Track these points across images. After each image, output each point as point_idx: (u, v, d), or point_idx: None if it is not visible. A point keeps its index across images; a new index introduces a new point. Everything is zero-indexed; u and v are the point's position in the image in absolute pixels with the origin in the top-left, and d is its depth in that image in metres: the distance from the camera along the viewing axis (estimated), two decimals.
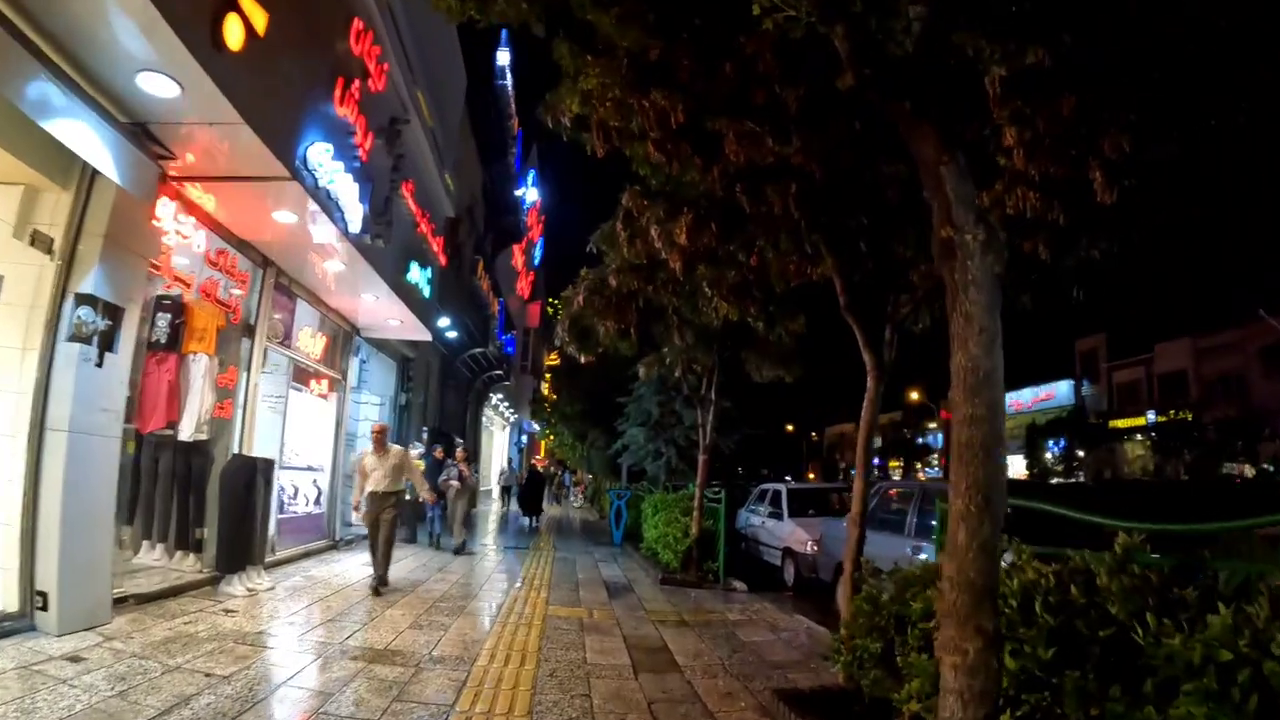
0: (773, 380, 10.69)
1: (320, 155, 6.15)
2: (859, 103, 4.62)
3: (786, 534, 10.25)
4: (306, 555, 9.45)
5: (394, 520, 7.53)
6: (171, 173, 6.26)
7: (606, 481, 22.54)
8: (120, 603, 5.99)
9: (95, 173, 5.46)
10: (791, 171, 4.85)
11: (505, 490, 17.07)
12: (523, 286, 34.42)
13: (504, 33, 20.07)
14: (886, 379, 4.62)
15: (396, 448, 7.79)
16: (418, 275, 9.53)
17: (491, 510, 21.06)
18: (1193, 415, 38.13)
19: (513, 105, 21.37)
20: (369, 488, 7.51)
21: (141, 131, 5.69)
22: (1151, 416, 41.36)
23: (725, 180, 4.84)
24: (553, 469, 36.17)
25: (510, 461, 15.62)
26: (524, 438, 42.79)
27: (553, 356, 40.49)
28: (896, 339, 4.75)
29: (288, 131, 5.73)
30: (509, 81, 20.61)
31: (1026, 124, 3.99)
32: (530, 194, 27.99)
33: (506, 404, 30.93)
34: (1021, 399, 53.30)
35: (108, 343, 5.68)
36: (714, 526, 9.99)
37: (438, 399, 17.74)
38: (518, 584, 8.32)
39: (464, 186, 14.61)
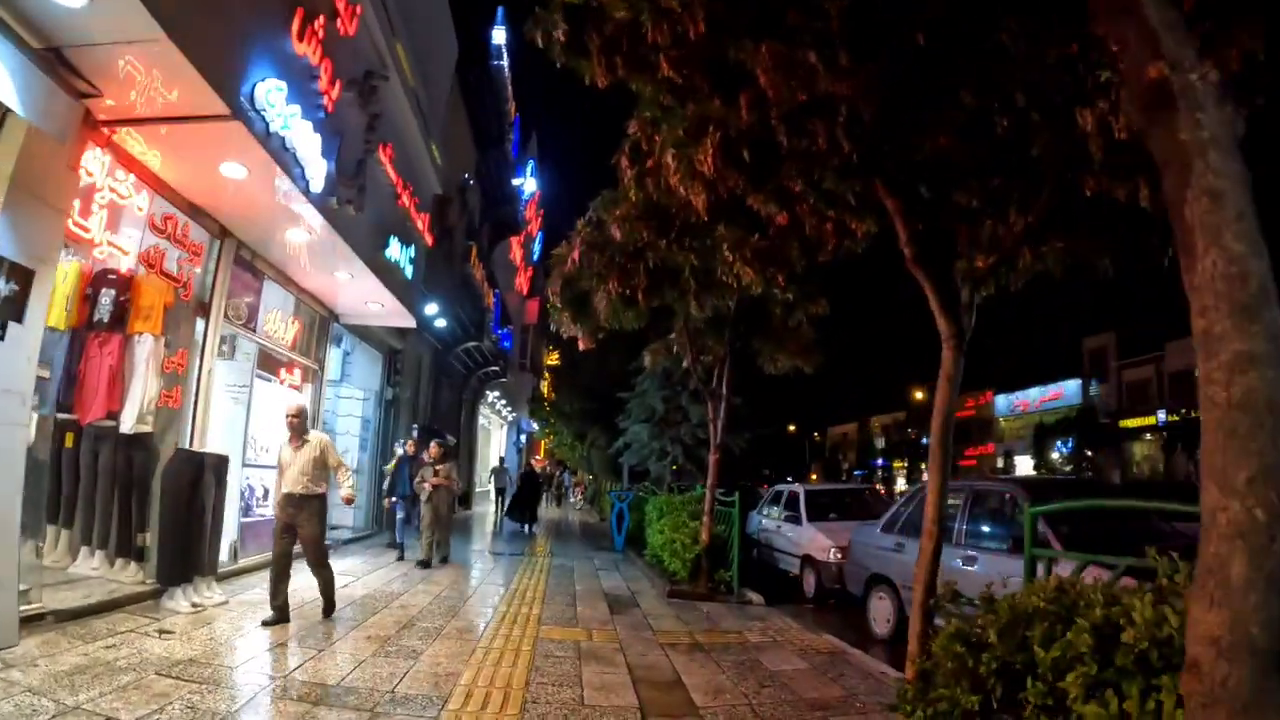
0: (788, 372, 9.77)
1: (271, 95, 5.21)
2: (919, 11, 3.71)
3: (806, 541, 9.30)
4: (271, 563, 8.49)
5: (318, 532, 5.97)
6: (100, 115, 5.36)
7: (607, 482, 21.57)
8: (35, 620, 5.05)
9: (8, 111, 4.56)
10: (838, 103, 3.90)
11: (500, 492, 15.98)
12: (521, 282, 33.48)
13: (500, 10, 19.17)
14: (965, 349, 3.67)
15: (319, 435, 6.17)
16: (398, 253, 8.59)
17: (488, 513, 20.08)
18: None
19: (510, 89, 20.44)
20: (283, 488, 5.92)
21: (55, 58, 4.78)
22: (1162, 416, 40.84)
23: (756, 112, 3.90)
24: (552, 469, 35.15)
25: (502, 460, 14.44)
26: (523, 437, 41.77)
27: (553, 356, 39.48)
28: (975, 301, 3.79)
29: (227, 58, 4.79)
30: (505, 63, 19.68)
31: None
32: (529, 185, 27.04)
33: (504, 402, 29.97)
34: (1028, 398, 52.59)
35: (14, 312, 4.75)
36: (725, 532, 9.05)
37: (429, 395, 16.79)
38: (507, 598, 7.36)
39: (455, 165, 13.69)
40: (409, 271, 9.17)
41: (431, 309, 11.98)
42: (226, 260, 7.42)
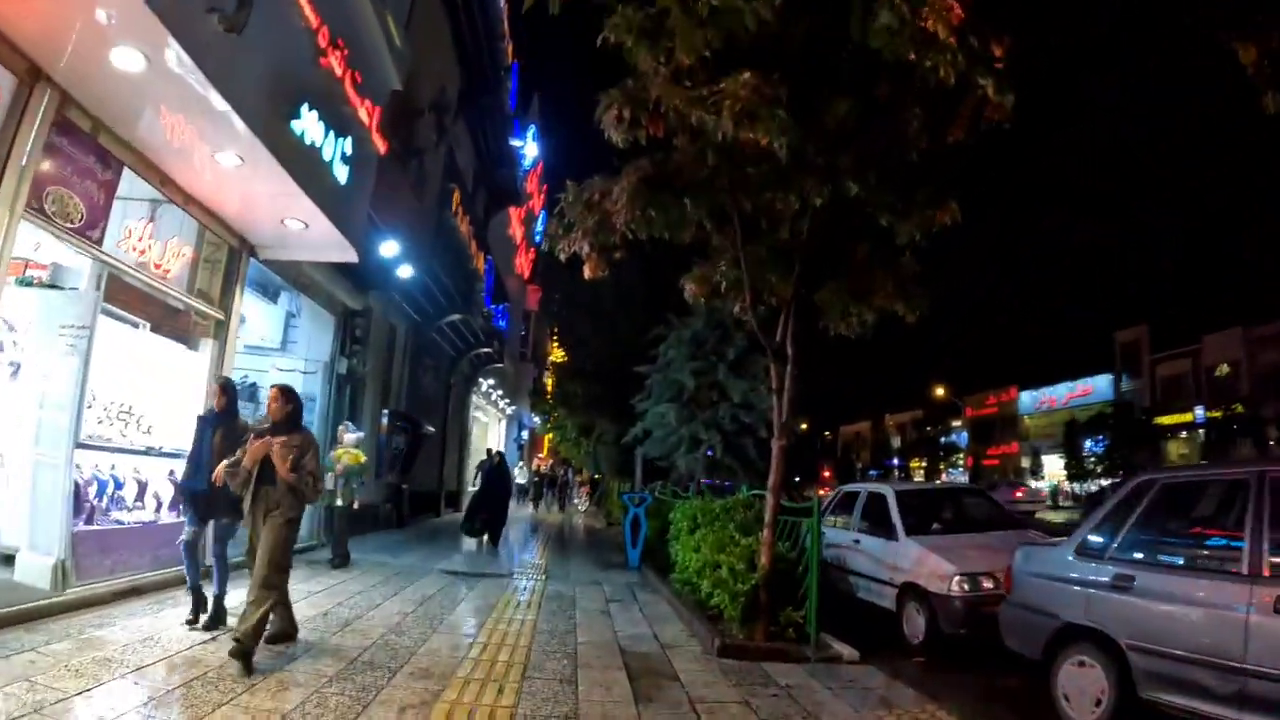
0: (866, 329, 6.96)
1: None
2: None
3: (910, 564, 6.52)
4: (133, 592, 5.76)
5: None
6: None
7: (616, 482, 18.74)
8: None
9: None
10: None
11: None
12: (522, 264, 30.69)
13: None
14: None
15: None
16: (318, 133, 5.83)
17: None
18: (1244, 410, 35.35)
19: (506, 25, 17.70)
20: None
21: None
22: (1201, 412, 38.46)
23: None
24: (556, 468, 32.31)
25: (490, 452, 11.45)
26: (524, 434, 38.90)
27: (557, 352, 36.52)
28: None
29: None
30: None
31: None
32: (530, 150, 24.28)
33: (501, 392, 27.19)
34: (1056, 394, 50.10)
35: None
36: (791, 552, 6.34)
37: (405, 376, 14.06)
38: (465, 668, 4.60)
39: (427, 72, 10.90)
40: (342, 174, 6.41)
41: (390, 250, 9.21)
42: (39, 121, 4.71)
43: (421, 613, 5.91)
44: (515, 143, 22.10)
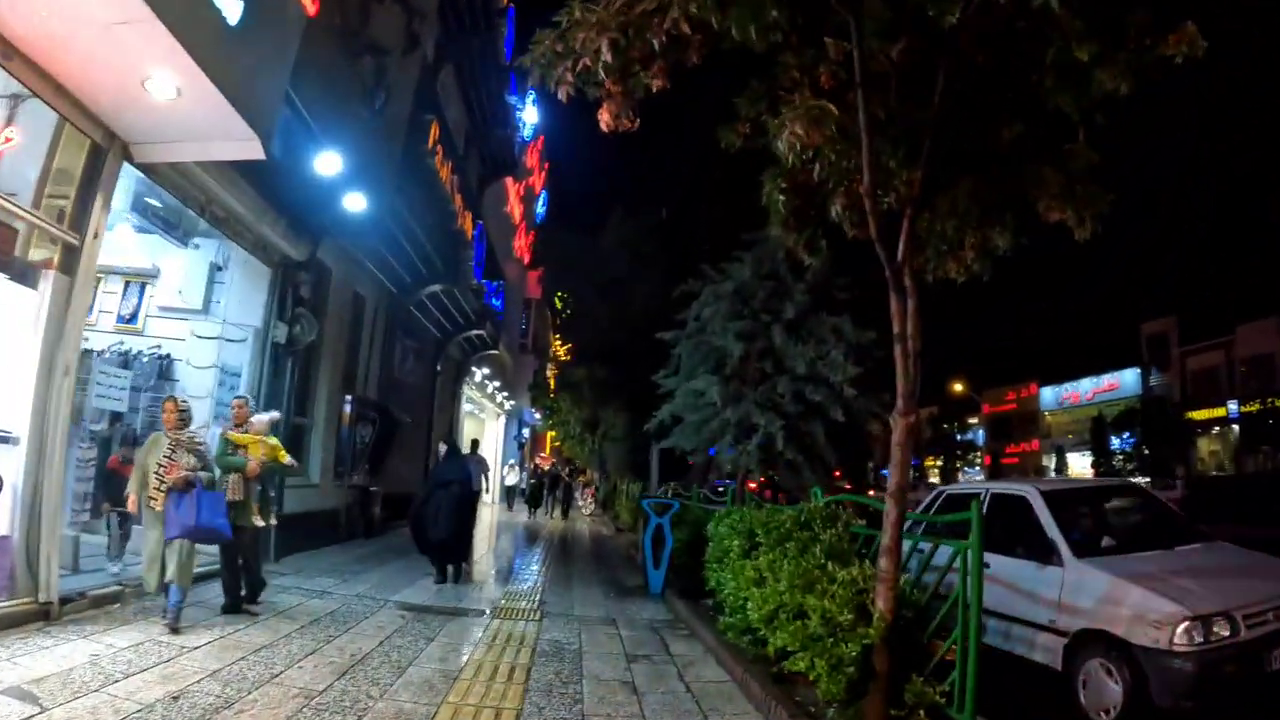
0: (985, 265, 4.63)
1: None
2: None
3: (1089, 601, 4.28)
4: None
5: None
6: None
7: (626, 482, 16.40)
8: None
9: None
10: None
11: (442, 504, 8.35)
12: (521, 246, 28.41)
13: None
14: None
15: None
16: None
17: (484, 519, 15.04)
18: None
19: None
20: None
21: None
22: (1234, 407, 36.53)
23: None
24: (560, 469, 30.03)
25: (447, 441, 8.61)
26: (525, 431, 36.54)
27: (562, 349, 34.17)
28: None
29: None
30: None
31: None
32: (529, 115, 22.03)
33: (499, 383, 24.90)
34: (1079, 390, 48.08)
35: None
36: (914, 593, 4.20)
37: (378, 356, 11.84)
38: None
39: None
40: (231, 9, 4.14)
41: (331, 165, 6.87)
42: None
43: (339, 692, 3.68)
44: (516, 107, 19.87)
